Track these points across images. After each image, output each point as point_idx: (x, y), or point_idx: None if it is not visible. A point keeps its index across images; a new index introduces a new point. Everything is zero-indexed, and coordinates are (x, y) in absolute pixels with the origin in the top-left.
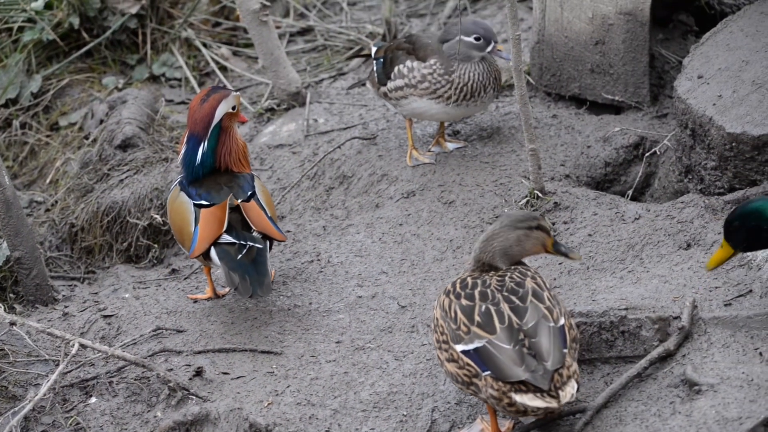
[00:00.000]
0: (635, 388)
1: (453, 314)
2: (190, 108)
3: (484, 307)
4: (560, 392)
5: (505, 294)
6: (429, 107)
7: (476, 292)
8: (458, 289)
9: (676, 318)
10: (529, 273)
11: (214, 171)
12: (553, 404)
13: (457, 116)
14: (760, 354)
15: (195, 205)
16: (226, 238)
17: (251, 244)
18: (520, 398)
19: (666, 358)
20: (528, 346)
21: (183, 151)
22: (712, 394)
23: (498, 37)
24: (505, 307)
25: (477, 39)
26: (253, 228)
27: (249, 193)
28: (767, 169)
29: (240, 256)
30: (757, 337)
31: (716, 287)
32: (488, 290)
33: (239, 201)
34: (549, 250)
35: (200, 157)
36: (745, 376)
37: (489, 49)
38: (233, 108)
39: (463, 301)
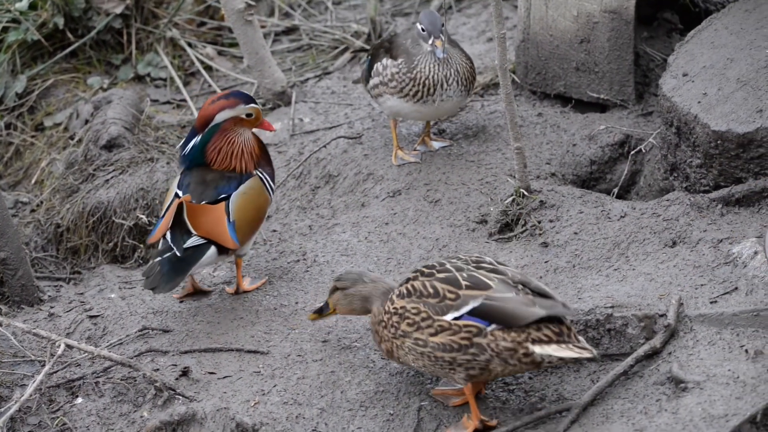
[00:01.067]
0: (621, 386)
1: (431, 290)
2: (204, 104)
3: (465, 274)
4: (582, 342)
5: (474, 264)
6: (401, 106)
7: (449, 266)
8: (427, 271)
9: (662, 316)
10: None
11: (208, 165)
12: (586, 354)
13: (430, 114)
14: (746, 351)
15: (175, 194)
16: (167, 234)
17: (174, 247)
18: (540, 349)
19: (652, 355)
20: (530, 291)
21: (184, 140)
22: (699, 392)
23: (440, 34)
24: (483, 272)
25: (423, 30)
26: (194, 232)
27: (221, 195)
28: (752, 166)
29: (166, 255)
30: (742, 335)
31: (702, 285)
32: (459, 263)
33: (193, 201)
34: None
35: (189, 149)
36: (731, 374)
37: (430, 41)
38: (248, 115)
39: (441, 275)
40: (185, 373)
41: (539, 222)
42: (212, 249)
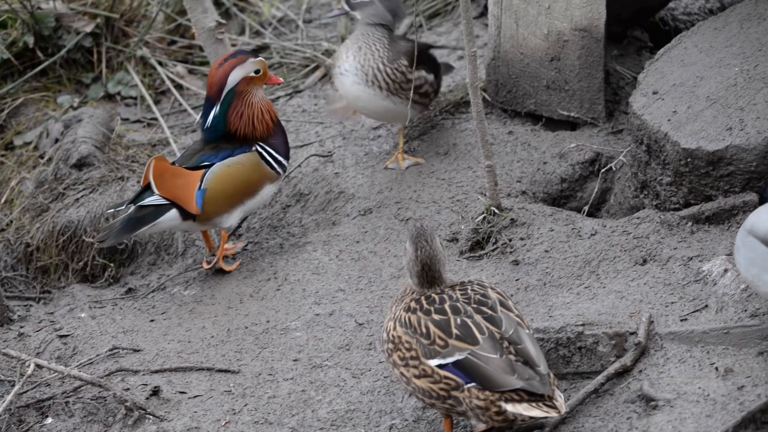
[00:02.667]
0: (592, 404)
1: (424, 329)
2: (210, 71)
3: (459, 320)
4: (555, 401)
5: (475, 306)
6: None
7: (446, 306)
8: (426, 305)
9: (632, 333)
10: (487, 285)
11: (229, 135)
12: (553, 413)
13: (350, 102)
14: (716, 369)
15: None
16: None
17: (128, 202)
18: (512, 408)
19: (623, 373)
20: (515, 353)
21: (201, 113)
22: (669, 410)
23: (342, 3)
24: (479, 318)
25: None
26: (156, 191)
27: (204, 163)
28: (722, 184)
29: (122, 207)
30: (713, 352)
31: (672, 302)
32: (458, 304)
33: (172, 162)
34: None
35: (211, 120)
36: (701, 392)
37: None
38: (256, 72)
39: (436, 316)
40: (156, 392)
41: (510, 240)
42: (173, 212)
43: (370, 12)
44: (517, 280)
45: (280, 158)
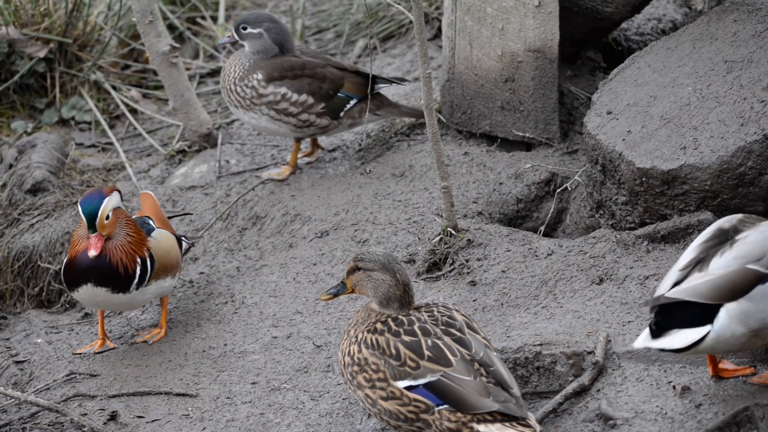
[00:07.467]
0: (551, 424)
1: (394, 351)
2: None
3: (430, 341)
4: (529, 421)
5: (443, 328)
6: None
7: (416, 328)
8: (394, 327)
9: (590, 353)
10: (451, 307)
11: None
12: None
13: (249, 123)
14: (674, 387)
15: None
16: None
17: None
18: (485, 429)
19: (581, 393)
20: (487, 374)
21: None
22: (627, 429)
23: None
24: (449, 340)
25: None
26: None
27: None
28: (677, 203)
29: None
30: (670, 371)
31: (629, 321)
32: (427, 326)
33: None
34: None
35: None
36: (659, 410)
37: None
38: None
39: (406, 338)
40: (113, 417)
41: (467, 261)
42: None
43: (257, 43)
44: (474, 300)
45: None
